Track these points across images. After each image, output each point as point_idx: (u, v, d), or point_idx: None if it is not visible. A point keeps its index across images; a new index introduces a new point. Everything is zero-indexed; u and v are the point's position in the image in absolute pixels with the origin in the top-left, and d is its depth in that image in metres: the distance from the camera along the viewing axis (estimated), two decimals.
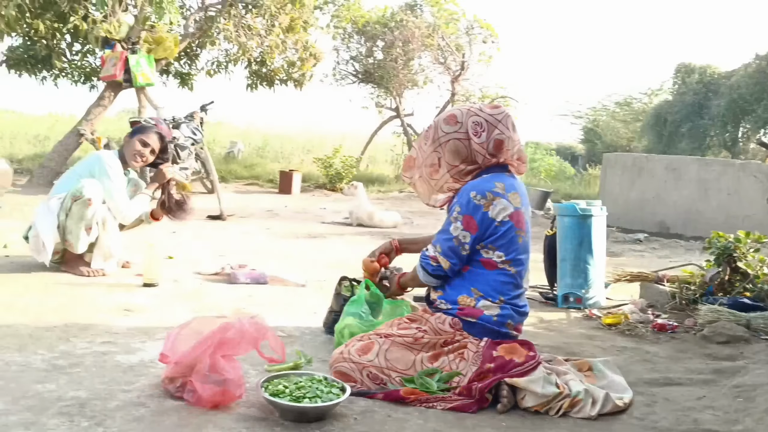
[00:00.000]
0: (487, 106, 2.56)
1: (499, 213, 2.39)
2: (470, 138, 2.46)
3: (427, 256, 2.50)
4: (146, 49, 9.71)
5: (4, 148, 13.43)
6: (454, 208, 2.43)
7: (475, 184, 2.43)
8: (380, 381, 2.34)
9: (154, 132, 4.04)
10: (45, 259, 3.77)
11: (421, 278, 2.54)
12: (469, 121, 2.46)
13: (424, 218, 8.79)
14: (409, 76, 13.97)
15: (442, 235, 2.47)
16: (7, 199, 7.00)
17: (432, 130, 2.53)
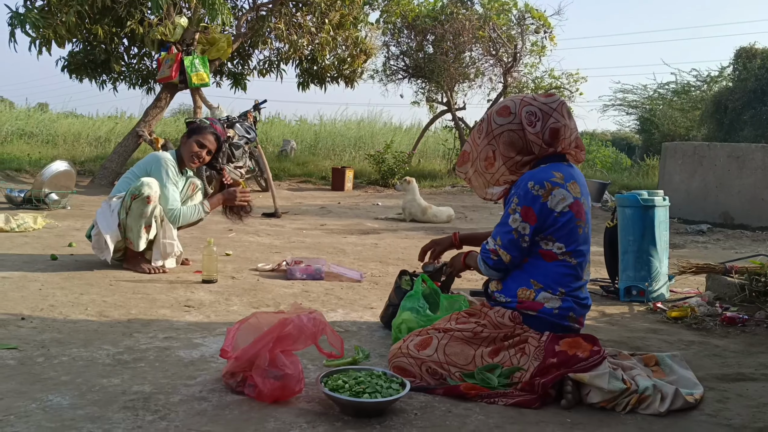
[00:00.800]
0: (540, 95, 2.48)
1: (558, 203, 2.32)
2: (524, 128, 2.39)
3: (488, 249, 2.44)
4: (200, 50, 9.90)
5: (67, 150, 13.90)
6: (512, 200, 2.37)
7: (533, 175, 2.36)
8: (439, 376, 2.30)
9: (210, 132, 4.09)
10: (107, 257, 3.87)
11: (482, 272, 2.49)
12: (523, 111, 2.40)
13: (477, 212, 8.70)
14: (460, 69, 13.83)
15: (501, 227, 2.41)
16: (71, 200, 7.23)
17: (485, 123, 2.47)
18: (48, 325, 2.82)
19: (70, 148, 14.97)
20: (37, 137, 16.75)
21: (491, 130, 2.44)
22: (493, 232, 2.47)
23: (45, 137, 16.87)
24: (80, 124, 19.22)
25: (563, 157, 2.46)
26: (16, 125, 17.29)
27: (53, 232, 5.43)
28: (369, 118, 19.89)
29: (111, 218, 3.87)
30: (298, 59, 11.52)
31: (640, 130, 23.82)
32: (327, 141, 17.31)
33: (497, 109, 2.46)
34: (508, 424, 2.01)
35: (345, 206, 9.00)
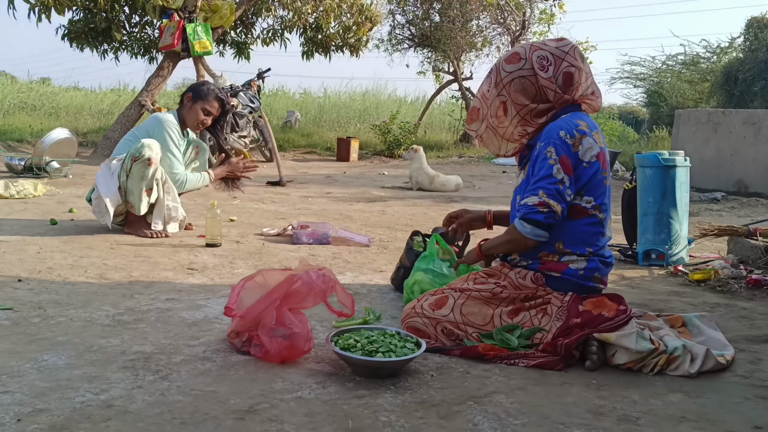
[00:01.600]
0: (550, 40, 2.32)
1: (586, 153, 2.17)
2: (537, 74, 2.22)
3: (533, 205, 2.14)
4: (203, 17, 9.70)
5: (69, 122, 13.74)
6: (546, 151, 2.16)
7: (560, 124, 2.19)
8: (456, 337, 2.18)
9: (215, 98, 3.94)
10: (107, 221, 3.74)
11: (527, 233, 2.15)
12: (534, 55, 2.23)
13: (485, 181, 8.55)
14: (467, 38, 13.56)
15: (543, 180, 2.14)
16: (73, 168, 7.10)
17: (494, 73, 2.30)
18: (45, 287, 2.71)
19: (72, 120, 14.82)
20: (39, 110, 16.60)
21: (500, 80, 2.27)
22: (528, 189, 2.19)
23: (47, 110, 16.72)
24: (83, 97, 19.04)
25: (579, 106, 2.30)
26: (18, 98, 17.13)
27: (54, 198, 5.30)
28: (374, 90, 19.67)
29: (111, 181, 3.74)
30: (303, 27, 11.30)
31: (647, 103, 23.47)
32: (331, 113, 17.11)
33: (506, 58, 2.29)
34: (531, 386, 1.89)
35: (351, 175, 8.85)
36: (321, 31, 11.46)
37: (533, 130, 2.28)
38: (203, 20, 9.65)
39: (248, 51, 11.97)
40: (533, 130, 2.28)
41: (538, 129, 2.27)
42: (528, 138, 2.30)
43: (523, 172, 2.35)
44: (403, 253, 2.95)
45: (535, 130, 2.28)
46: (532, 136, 2.29)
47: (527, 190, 2.20)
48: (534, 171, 2.20)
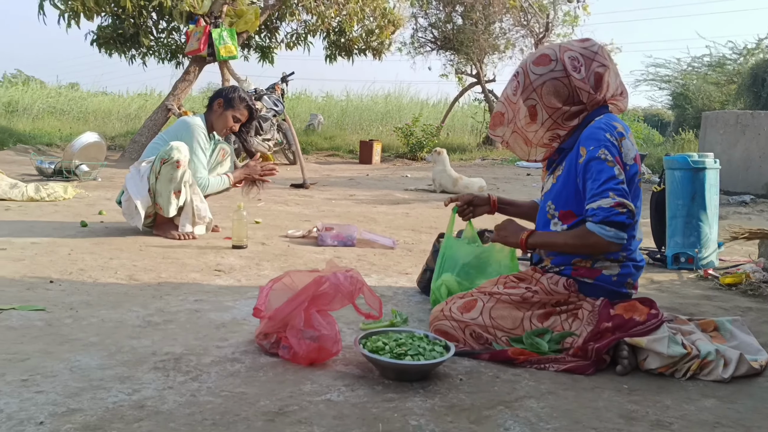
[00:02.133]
0: (575, 41, 2.27)
1: (627, 155, 2.13)
2: (569, 74, 2.17)
3: (610, 207, 2.02)
4: (228, 22, 9.78)
5: (97, 126, 13.95)
6: (600, 153, 2.07)
7: (601, 126, 2.13)
8: (485, 341, 2.15)
9: (245, 106, 4.00)
10: (138, 223, 3.77)
11: (611, 237, 2.03)
12: (565, 56, 2.18)
13: (509, 184, 8.50)
14: (490, 40, 13.52)
15: (608, 183, 2.04)
16: (101, 172, 7.18)
17: (521, 76, 2.23)
18: (77, 288, 2.74)
19: (100, 124, 15.04)
20: (68, 114, 16.88)
21: (530, 83, 2.21)
22: (595, 192, 2.06)
23: (76, 114, 17.00)
24: (110, 101, 19.33)
25: (607, 107, 2.26)
26: (48, 103, 17.43)
27: (83, 201, 5.37)
28: (396, 93, 19.69)
29: (141, 183, 3.77)
30: (326, 31, 11.34)
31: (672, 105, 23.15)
32: (354, 116, 17.16)
33: (533, 60, 2.22)
34: (561, 390, 1.87)
35: (374, 178, 8.86)
36: (344, 35, 11.49)
37: (564, 134, 2.24)
38: (229, 25, 9.73)
39: (272, 55, 12.05)
40: (564, 134, 2.24)
41: (569, 132, 2.23)
42: (560, 142, 2.26)
43: (552, 176, 2.31)
44: (429, 255, 2.94)
45: (566, 134, 2.24)
46: (563, 140, 2.25)
47: (590, 194, 2.08)
48: (587, 176, 2.10)
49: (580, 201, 2.17)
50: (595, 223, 2.05)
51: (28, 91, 18.64)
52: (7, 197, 5.12)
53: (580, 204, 2.17)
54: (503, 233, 2.36)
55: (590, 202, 2.08)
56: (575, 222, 2.19)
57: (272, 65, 12.19)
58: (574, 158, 2.17)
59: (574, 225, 2.18)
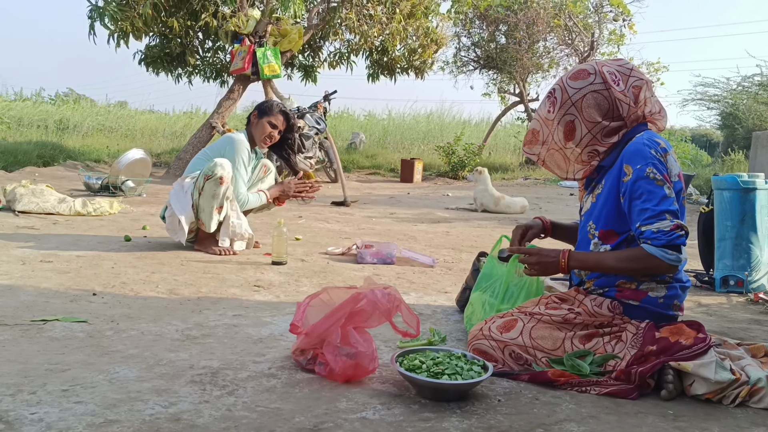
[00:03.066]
0: (609, 60, 2.25)
1: (671, 171, 2.09)
2: (610, 87, 2.14)
3: (670, 230, 1.98)
4: (272, 42, 9.97)
5: (144, 143, 14.31)
6: (648, 172, 2.02)
7: (644, 142, 2.08)
8: (524, 361, 2.11)
9: (280, 111, 4.03)
10: (181, 238, 3.84)
11: (673, 261, 1.99)
12: (603, 69, 2.15)
13: (552, 203, 8.40)
14: (534, 59, 13.47)
15: (662, 203, 2.00)
16: (147, 188, 7.35)
17: (558, 92, 2.20)
18: (118, 301, 2.79)
19: (147, 142, 15.43)
20: (116, 132, 17.39)
21: (568, 98, 2.17)
22: (651, 213, 2.00)
23: (124, 132, 17.50)
24: (157, 119, 19.83)
25: (646, 125, 2.21)
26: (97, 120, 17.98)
27: (128, 216, 5.50)
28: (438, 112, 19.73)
29: (185, 199, 3.84)
30: (369, 50, 11.45)
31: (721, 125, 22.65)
32: (395, 135, 17.24)
33: (570, 75, 2.19)
34: (603, 414, 1.81)
35: (414, 196, 8.86)
36: (387, 54, 11.59)
37: (604, 151, 2.20)
38: (273, 44, 9.92)
39: (315, 74, 12.22)
40: (604, 151, 2.20)
41: (608, 150, 2.19)
42: (599, 159, 2.22)
43: (591, 195, 2.27)
44: (469, 274, 2.91)
45: (605, 151, 2.20)
46: (603, 157, 2.21)
47: (644, 216, 2.02)
48: (635, 195, 2.05)
49: (622, 220, 2.13)
50: (656, 246, 2.00)
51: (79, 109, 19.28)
52: (56, 211, 5.28)
53: (623, 223, 2.12)
54: (537, 267, 2.23)
55: (646, 223, 2.02)
56: (619, 241, 2.14)
57: (315, 84, 12.38)
58: (616, 176, 2.13)
59: (618, 244, 2.14)
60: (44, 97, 22.80)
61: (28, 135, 14.50)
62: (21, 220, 4.93)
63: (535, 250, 2.27)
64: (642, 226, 2.03)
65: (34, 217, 5.10)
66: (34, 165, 9.75)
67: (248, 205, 4.01)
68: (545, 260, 2.22)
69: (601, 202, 2.19)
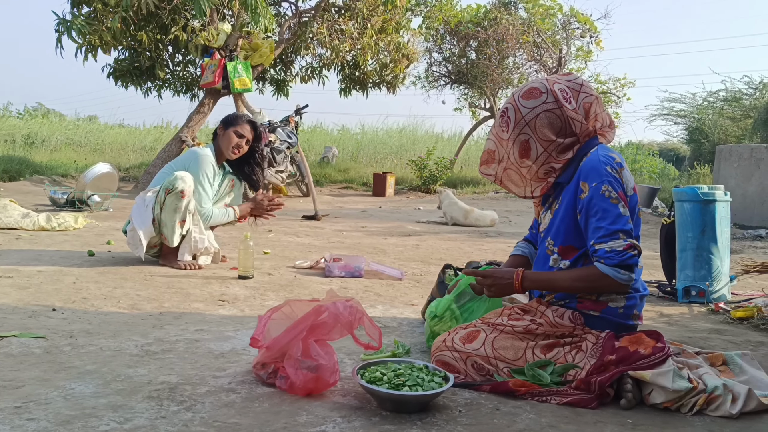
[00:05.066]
0: (558, 75, 2.28)
1: (627, 185, 2.12)
2: (562, 106, 2.16)
3: (623, 249, 2.02)
4: (243, 56, 9.93)
5: (113, 158, 14.14)
6: (603, 190, 2.05)
7: (599, 159, 2.11)
8: (486, 372, 2.12)
9: (246, 121, 4.01)
10: (140, 253, 3.79)
11: (625, 280, 2.03)
12: (555, 88, 2.18)
13: (522, 216, 8.47)
14: (504, 74, 13.63)
15: (617, 222, 2.03)
16: (113, 203, 7.26)
17: (511, 111, 2.21)
18: (78, 317, 2.74)
19: (116, 156, 15.25)
20: (85, 146, 17.15)
21: (521, 117, 2.18)
22: (605, 232, 2.03)
23: (93, 146, 17.26)
24: (127, 134, 19.63)
25: (597, 138, 2.24)
26: (66, 135, 17.73)
27: (93, 231, 5.42)
28: (410, 127, 19.82)
29: (145, 213, 3.80)
30: (340, 65, 11.49)
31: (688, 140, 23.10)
32: (368, 149, 17.26)
33: (522, 94, 2.20)
34: (563, 424, 1.82)
35: (386, 210, 8.87)
36: (358, 69, 11.63)
37: (560, 167, 2.22)
38: (243, 58, 9.88)
39: (287, 88, 12.21)
40: (560, 167, 2.22)
41: (564, 166, 2.21)
42: (555, 176, 2.23)
43: (549, 212, 2.29)
44: (435, 286, 2.92)
45: (561, 167, 2.22)
46: (559, 173, 2.23)
47: (598, 234, 2.05)
48: (591, 212, 2.08)
49: (580, 235, 2.15)
50: (609, 266, 2.03)
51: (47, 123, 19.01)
52: (19, 226, 5.18)
53: (581, 238, 2.15)
54: (494, 290, 2.24)
55: (600, 242, 2.05)
56: (577, 255, 2.16)
57: (287, 98, 12.36)
58: (573, 192, 2.16)
59: (577, 258, 2.16)
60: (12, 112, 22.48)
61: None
62: None
63: (489, 272, 2.28)
64: (596, 244, 2.06)
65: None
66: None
67: (213, 219, 3.96)
68: (500, 282, 2.23)
69: (558, 218, 2.21)
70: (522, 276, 2.20)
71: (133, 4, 8.12)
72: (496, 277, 2.24)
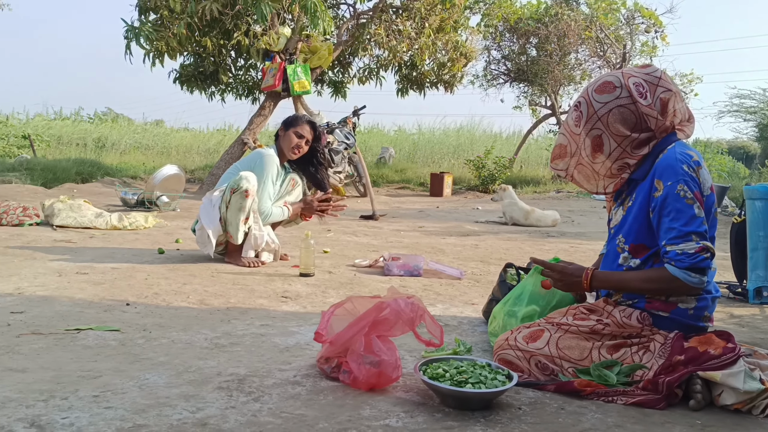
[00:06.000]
0: (635, 68, 2.21)
1: (704, 185, 2.06)
2: (636, 101, 2.11)
3: (695, 252, 1.98)
4: (302, 58, 10.08)
5: (179, 160, 14.58)
6: (679, 189, 2.00)
7: (676, 156, 2.06)
8: (550, 371, 2.10)
9: (306, 122, 4.10)
10: (209, 251, 3.91)
11: (696, 284, 1.99)
12: (630, 82, 2.12)
13: (585, 216, 8.32)
14: (565, 72, 13.40)
15: (691, 224, 1.98)
16: (180, 203, 7.49)
17: (584, 106, 2.18)
18: (151, 311, 2.85)
19: (182, 158, 15.72)
20: (152, 149, 17.76)
21: (594, 112, 2.15)
22: (678, 234, 2.00)
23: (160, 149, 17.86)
24: (192, 137, 20.22)
25: (675, 134, 2.18)
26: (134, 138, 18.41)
27: (162, 230, 5.61)
28: (468, 127, 19.71)
29: (212, 213, 3.92)
30: (398, 65, 11.53)
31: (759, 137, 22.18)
32: (425, 149, 17.26)
33: (596, 88, 2.16)
34: (630, 424, 1.79)
35: (443, 210, 8.86)
36: (416, 69, 11.66)
37: (634, 163, 2.18)
38: (303, 61, 10.04)
39: (345, 90, 12.34)
40: (634, 163, 2.18)
41: (639, 162, 2.17)
42: (630, 172, 2.19)
43: (621, 208, 2.25)
44: (496, 285, 2.90)
45: (636, 163, 2.18)
46: (633, 169, 2.18)
47: (670, 236, 2.01)
48: (664, 212, 2.03)
49: (652, 234, 2.10)
50: (679, 268, 1.99)
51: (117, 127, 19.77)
52: (93, 225, 5.41)
53: (653, 237, 2.10)
54: (560, 284, 2.27)
55: (671, 243, 2.00)
56: (648, 255, 2.12)
57: (345, 100, 12.50)
58: (647, 190, 2.11)
59: (648, 257, 2.12)
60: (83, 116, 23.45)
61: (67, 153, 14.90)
62: (58, 234, 5.07)
63: (559, 267, 2.27)
64: (667, 245, 2.01)
65: (71, 231, 5.24)
66: (73, 181, 10.00)
67: (271, 217, 4.06)
68: (568, 278, 2.23)
69: (631, 216, 2.17)
70: (591, 275, 2.18)
71: (198, 11, 8.36)
72: (566, 272, 2.24)
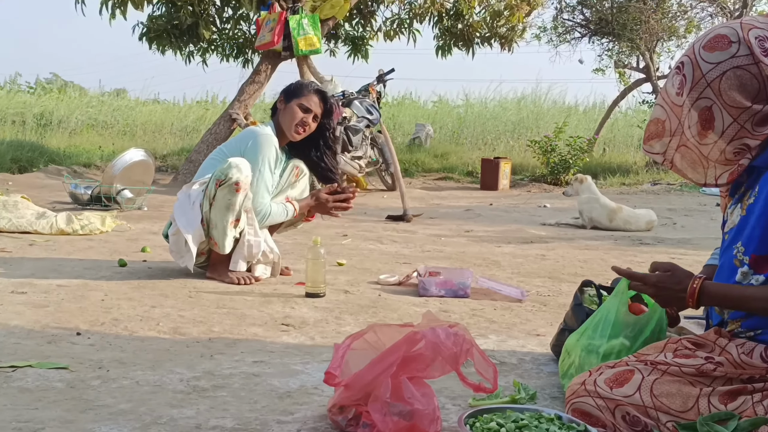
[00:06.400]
0: (761, 16, 2.17)
1: None
2: (759, 61, 2.07)
3: None
4: (310, 7, 10.06)
5: (147, 142, 14.78)
6: None
7: None
8: (643, 426, 2.09)
9: (313, 91, 4.09)
10: (188, 263, 3.92)
11: None
12: (750, 36, 2.08)
13: (690, 217, 8.25)
14: (665, 22, 13.28)
15: None
16: (148, 200, 7.58)
17: (688, 67, 2.13)
18: (109, 343, 2.89)
19: (150, 140, 15.93)
20: (111, 128, 18.00)
21: (702, 76, 2.10)
22: None
23: (121, 127, 18.10)
24: (163, 111, 20.46)
25: None
26: (87, 114, 18.66)
27: (124, 235, 5.69)
28: (532, 97, 19.65)
29: (192, 213, 3.92)
30: (437, 15, 11.52)
31: None
32: (475, 126, 17.27)
33: (704, 44, 2.11)
34: None
35: (499, 208, 8.86)
36: (462, 20, 11.64)
37: (756, 145, 2.14)
38: (311, 11, 10.00)
39: (366, 48, 12.40)
40: (756, 145, 2.14)
41: (763, 144, 2.13)
42: (750, 157, 2.15)
43: (740, 206, 2.22)
44: (569, 310, 2.89)
45: (759, 145, 2.14)
46: (755, 153, 2.15)
47: None
48: None
49: None
50: None
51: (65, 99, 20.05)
52: (33, 229, 5.50)
53: None
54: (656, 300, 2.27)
55: None
56: None
57: (366, 61, 12.54)
58: None
59: None
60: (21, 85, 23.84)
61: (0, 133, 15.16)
62: None
63: (654, 278, 2.23)
64: None
65: (5, 237, 5.33)
66: (8, 171, 10.19)
67: (270, 218, 4.06)
68: (666, 293, 2.19)
69: (754, 216, 2.13)
70: (701, 286, 2.12)
71: None
72: (663, 285, 2.19)
